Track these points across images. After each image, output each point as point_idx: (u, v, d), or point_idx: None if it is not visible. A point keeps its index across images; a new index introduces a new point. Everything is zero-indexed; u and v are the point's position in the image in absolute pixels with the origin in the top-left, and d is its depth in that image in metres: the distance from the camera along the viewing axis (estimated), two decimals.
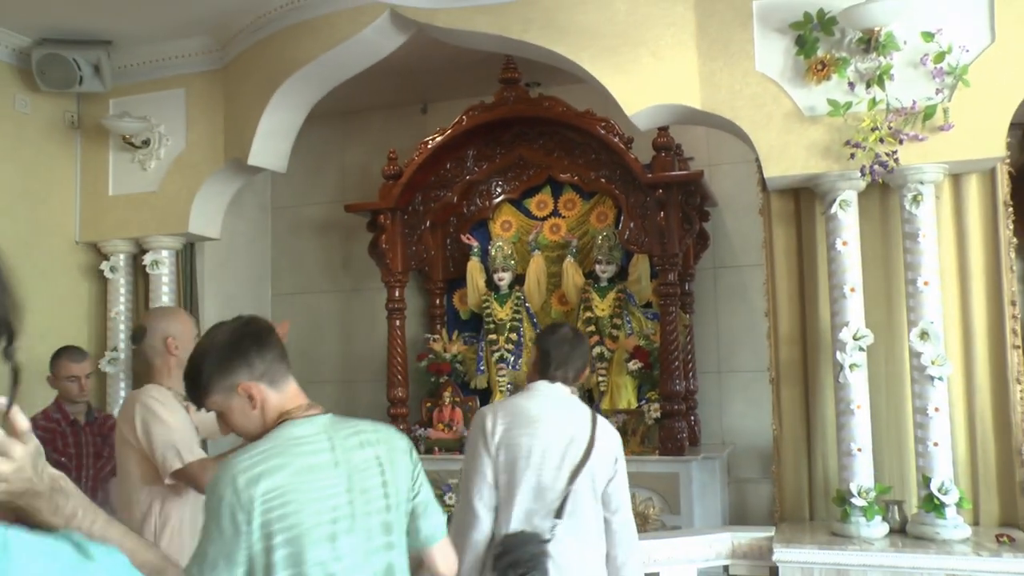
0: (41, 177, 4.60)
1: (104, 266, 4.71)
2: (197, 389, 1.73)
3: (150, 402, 2.61)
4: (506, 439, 2.51)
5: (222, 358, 1.70)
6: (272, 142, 4.37)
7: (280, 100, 4.20)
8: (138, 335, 2.83)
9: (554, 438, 2.51)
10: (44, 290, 4.51)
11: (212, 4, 4.09)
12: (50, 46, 4.37)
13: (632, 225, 4.70)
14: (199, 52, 4.53)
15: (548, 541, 2.43)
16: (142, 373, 3.00)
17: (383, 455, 1.74)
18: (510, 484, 2.49)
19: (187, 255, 4.80)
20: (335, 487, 1.65)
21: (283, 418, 1.70)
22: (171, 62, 4.59)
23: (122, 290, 4.70)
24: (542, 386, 2.61)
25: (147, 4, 4.10)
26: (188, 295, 4.77)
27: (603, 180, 4.83)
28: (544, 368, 2.61)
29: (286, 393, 1.73)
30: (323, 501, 1.62)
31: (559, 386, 2.61)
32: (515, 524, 2.46)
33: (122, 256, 4.71)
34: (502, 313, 5.21)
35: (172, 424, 2.57)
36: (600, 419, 2.62)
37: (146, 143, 4.63)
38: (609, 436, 2.59)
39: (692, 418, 4.88)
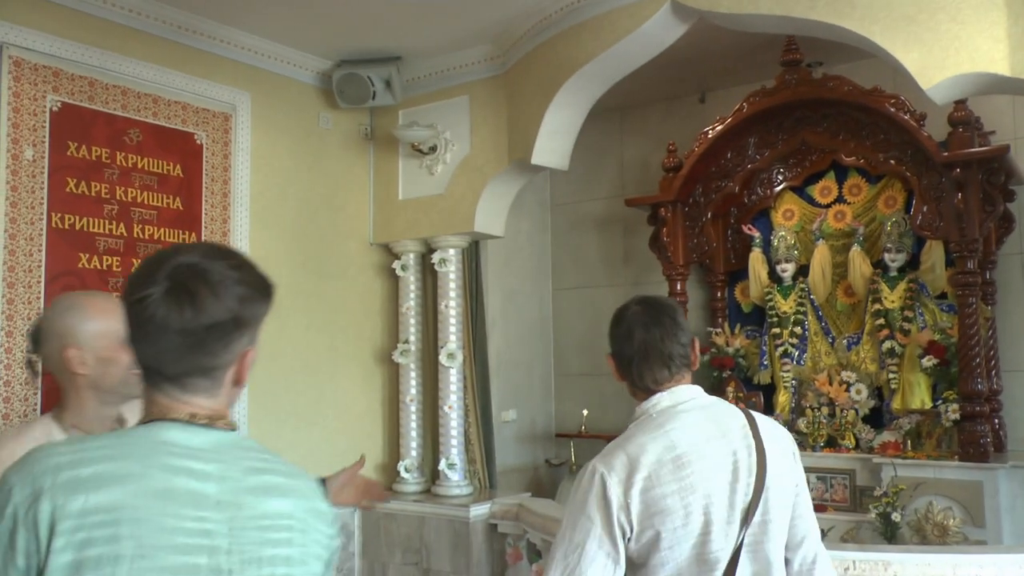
0: (340, 186, 5.07)
1: (395, 265, 5.09)
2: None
3: None
4: (647, 507, 1.71)
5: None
6: (554, 141, 4.52)
7: (561, 100, 4.34)
8: (34, 335, 1.89)
9: (715, 477, 1.75)
10: (343, 288, 4.97)
11: (494, 14, 4.31)
12: (348, 67, 4.80)
13: (925, 209, 4.39)
14: (481, 60, 4.78)
15: None
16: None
17: None
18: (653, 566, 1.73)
19: (472, 253, 5.08)
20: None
21: None
22: (455, 72, 4.88)
23: (412, 287, 5.06)
24: (660, 400, 1.86)
25: (433, 20, 4.39)
26: (474, 291, 5.05)
27: (892, 162, 4.56)
28: (632, 371, 1.89)
29: None
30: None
31: (681, 389, 1.87)
32: None
33: (411, 255, 5.08)
34: (786, 306, 5.06)
35: None
36: (759, 418, 1.88)
37: (433, 149, 4.95)
38: (778, 439, 1.86)
39: (996, 421, 4.50)
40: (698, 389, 1.89)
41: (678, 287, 5.09)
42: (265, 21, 4.37)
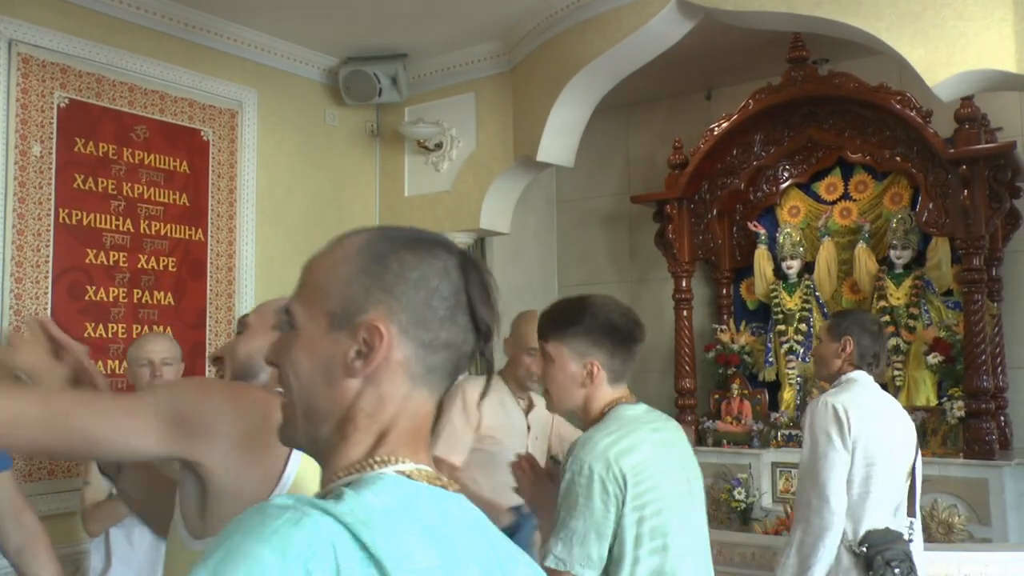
0: (346, 183, 5.07)
1: None
2: (564, 322, 1.78)
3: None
4: (862, 432, 2.44)
5: (608, 331, 1.77)
6: (560, 138, 4.53)
7: (567, 97, 4.35)
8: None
9: (898, 432, 2.47)
10: None
11: (500, 11, 4.32)
12: (354, 64, 4.81)
13: (931, 206, 4.38)
14: (488, 57, 4.79)
15: (910, 541, 2.42)
16: None
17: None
18: (867, 480, 2.42)
19: (478, 250, 5.10)
20: (678, 463, 1.77)
21: (615, 403, 1.78)
22: (461, 69, 4.88)
23: None
24: (865, 378, 2.56)
25: (440, 17, 4.39)
26: None
27: (898, 158, 4.55)
28: (862, 358, 2.53)
29: (618, 388, 1.81)
30: (677, 473, 1.74)
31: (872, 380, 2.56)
32: (874, 522, 2.42)
33: None
34: (791, 303, 5.05)
35: None
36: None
37: (439, 146, 4.96)
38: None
39: (1002, 418, 4.48)
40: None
41: (683, 284, 5.09)
42: (272, 18, 4.38)
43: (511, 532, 2.36)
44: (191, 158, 4.27)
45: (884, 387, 4.66)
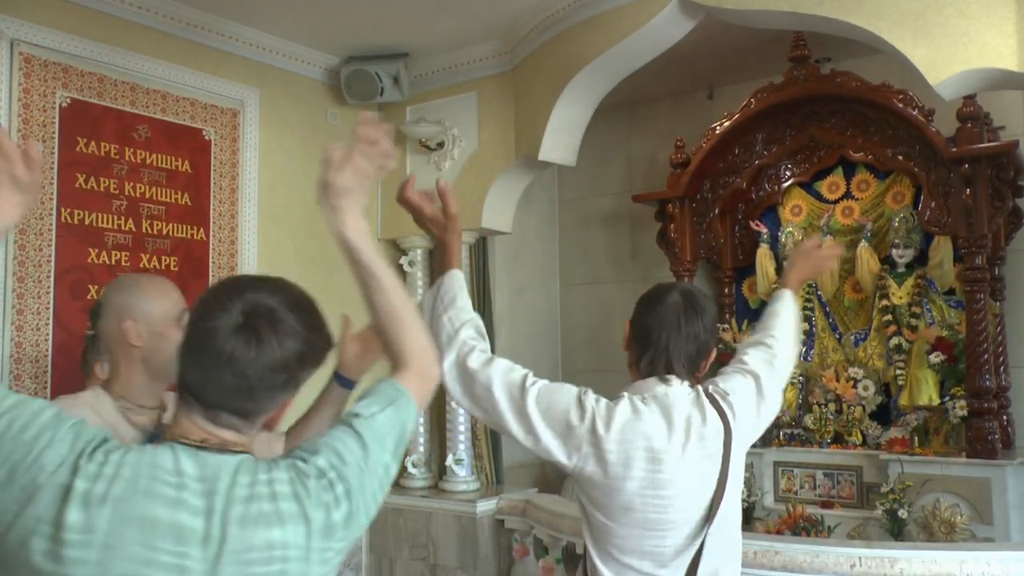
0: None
1: (403, 261, 5.10)
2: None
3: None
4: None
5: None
6: (562, 137, 4.52)
7: (569, 96, 4.34)
8: (95, 311, 1.95)
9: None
10: (352, 284, 4.96)
11: (502, 10, 4.31)
12: (356, 63, 4.80)
13: (933, 205, 4.38)
14: (490, 56, 4.78)
15: None
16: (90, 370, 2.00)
17: None
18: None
19: (480, 248, 5.08)
20: None
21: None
22: (463, 68, 4.87)
23: (419, 283, 5.07)
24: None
25: (441, 17, 4.38)
26: (481, 287, 5.06)
27: (900, 157, 4.55)
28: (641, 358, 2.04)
29: None
30: None
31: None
32: None
33: (419, 251, 5.08)
34: None
35: None
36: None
37: (440, 145, 4.95)
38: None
39: (1004, 418, 4.49)
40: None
41: (685, 283, 5.08)
42: (274, 18, 4.38)
43: None
44: (193, 158, 4.27)
45: (886, 387, 4.74)
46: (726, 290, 5.44)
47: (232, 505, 1.15)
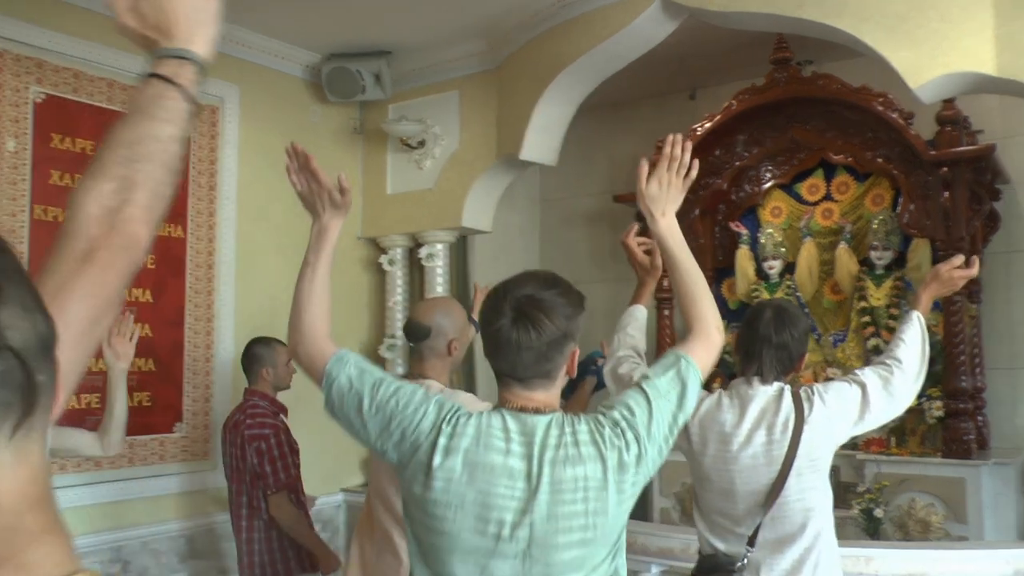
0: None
1: (383, 259, 5.07)
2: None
3: (462, 396, 2.55)
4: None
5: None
6: (543, 137, 4.52)
7: (551, 95, 4.34)
8: (420, 333, 2.68)
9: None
10: (331, 282, 4.93)
11: (484, 9, 4.30)
12: (337, 60, 4.77)
13: (912, 207, 4.40)
14: (472, 55, 4.76)
15: None
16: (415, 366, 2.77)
17: None
18: None
19: (460, 248, 5.07)
20: None
21: None
22: (445, 67, 4.86)
23: (399, 281, 5.05)
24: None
25: (424, 15, 4.37)
26: (461, 286, 5.04)
27: (880, 160, 4.57)
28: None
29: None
30: None
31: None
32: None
33: (399, 250, 5.06)
34: None
35: None
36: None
37: (422, 144, 4.93)
38: None
39: (980, 419, 4.52)
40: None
41: (665, 283, 5.07)
42: (254, 14, 4.33)
43: None
44: None
45: None
46: None
47: (546, 451, 1.54)
